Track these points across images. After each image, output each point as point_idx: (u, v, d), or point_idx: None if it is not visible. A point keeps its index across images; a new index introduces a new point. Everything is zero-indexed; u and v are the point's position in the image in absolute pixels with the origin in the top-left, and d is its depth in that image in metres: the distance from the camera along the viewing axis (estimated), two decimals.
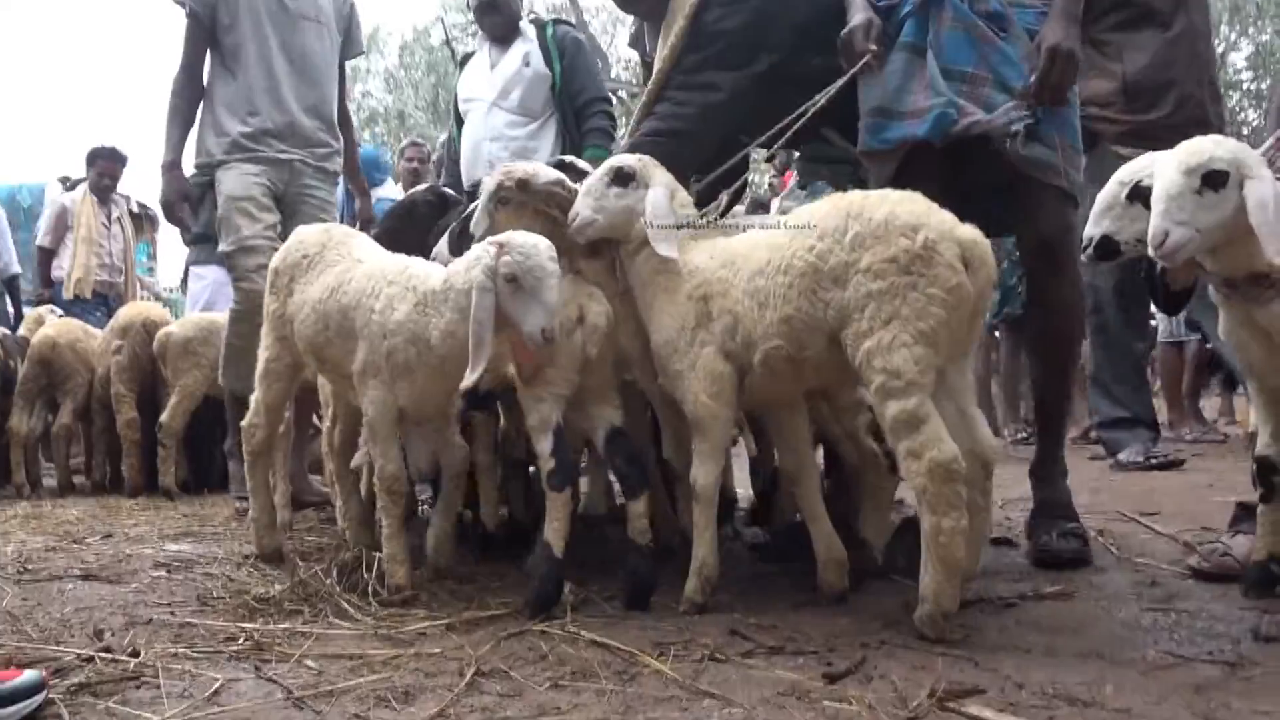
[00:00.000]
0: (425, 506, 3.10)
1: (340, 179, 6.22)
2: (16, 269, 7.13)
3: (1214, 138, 1.77)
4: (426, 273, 2.26)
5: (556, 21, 4.08)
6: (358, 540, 2.66)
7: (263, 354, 2.61)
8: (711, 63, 2.67)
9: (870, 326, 1.78)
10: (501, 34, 3.98)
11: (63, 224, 6.98)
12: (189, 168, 3.77)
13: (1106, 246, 1.94)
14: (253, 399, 2.65)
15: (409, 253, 2.68)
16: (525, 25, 4.04)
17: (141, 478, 4.53)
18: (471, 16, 4.31)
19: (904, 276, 1.77)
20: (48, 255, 7.03)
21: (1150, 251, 1.72)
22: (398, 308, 2.22)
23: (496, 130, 3.88)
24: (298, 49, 3.76)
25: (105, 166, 7.05)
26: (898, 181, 2.35)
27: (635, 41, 3.26)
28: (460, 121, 4.04)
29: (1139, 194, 1.88)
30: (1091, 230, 1.96)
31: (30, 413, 4.88)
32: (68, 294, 6.81)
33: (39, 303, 7.06)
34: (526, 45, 3.98)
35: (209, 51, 3.73)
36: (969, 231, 1.83)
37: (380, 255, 2.46)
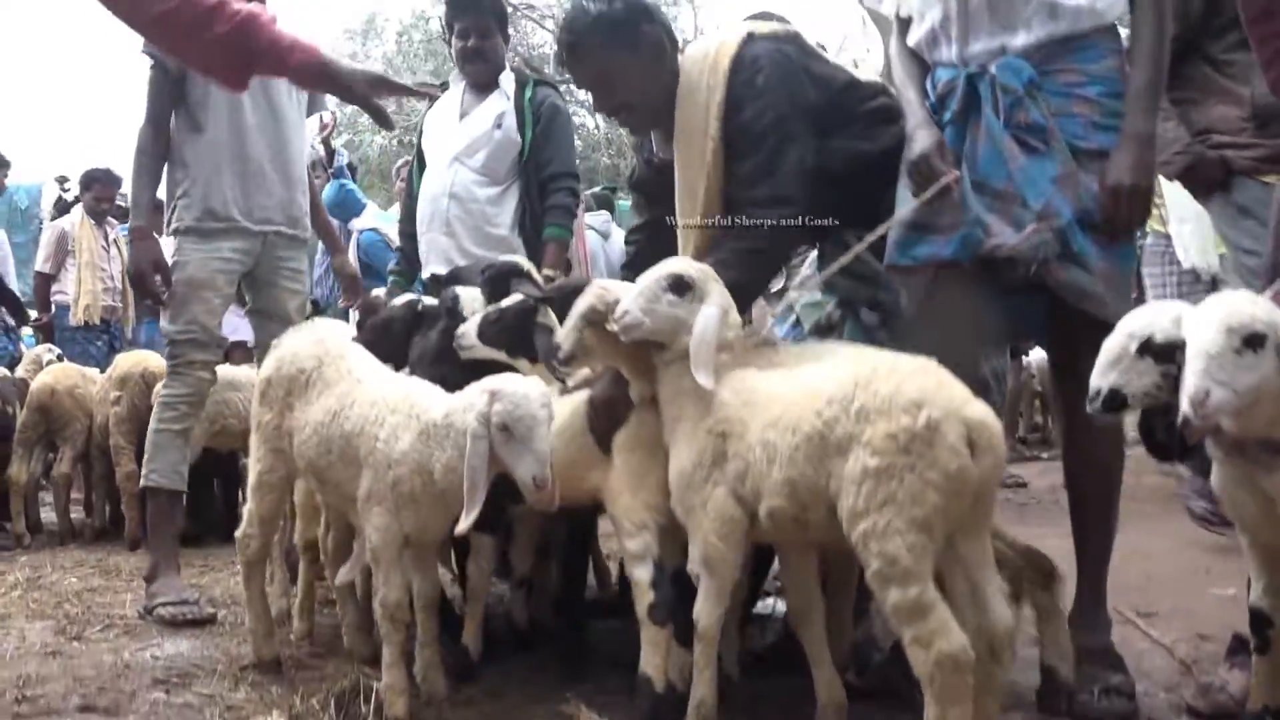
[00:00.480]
0: None
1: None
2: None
3: (1249, 295, 1.74)
4: (428, 402, 2.26)
5: (539, 82, 3.93)
6: (356, 648, 2.68)
7: (256, 465, 2.58)
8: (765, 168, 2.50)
9: (866, 506, 1.74)
10: (483, 82, 3.80)
11: (63, 249, 6.96)
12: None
13: (1115, 399, 1.86)
14: (246, 510, 2.62)
15: (386, 363, 2.69)
16: (505, 77, 3.85)
17: (140, 530, 4.50)
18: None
19: (903, 456, 1.72)
20: (47, 281, 7.01)
21: (1188, 409, 1.63)
22: (401, 437, 2.22)
23: (458, 188, 3.69)
24: (267, 105, 3.60)
25: (101, 190, 7.06)
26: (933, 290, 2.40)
27: (639, 145, 3.09)
28: (423, 162, 3.87)
29: (1149, 348, 1.82)
30: (1099, 382, 1.87)
31: (29, 460, 4.89)
32: (75, 320, 6.81)
33: (39, 328, 7.05)
34: (502, 104, 3.79)
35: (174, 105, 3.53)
36: (978, 411, 1.78)
37: (380, 376, 2.46)
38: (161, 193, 3.62)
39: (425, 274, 3.74)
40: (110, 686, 2.48)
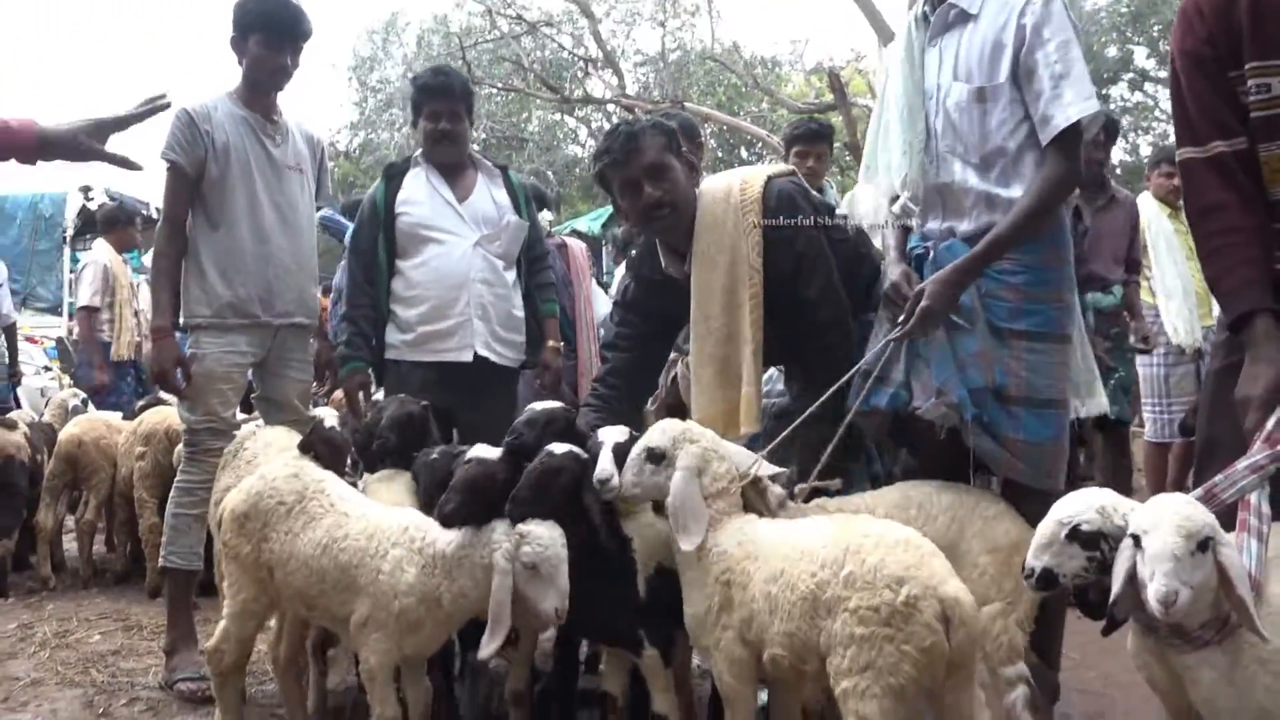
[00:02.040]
0: None
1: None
2: (14, 318, 7.16)
3: (1186, 499, 1.91)
4: (427, 533, 2.46)
5: (506, 168, 4.14)
6: None
7: (237, 595, 2.68)
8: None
9: (850, 667, 1.96)
10: (450, 163, 3.91)
11: (108, 284, 6.97)
12: None
13: (1048, 579, 2.04)
14: (223, 628, 2.72)
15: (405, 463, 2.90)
16: (482, 161, 4.04)
17: (160, 579, 4.75)
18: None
19: (883, 628, 1.94)
20: (93, 315, 6.94)
21: (1158, 608, 1.79)
22: (407, 569, 2.43)
23: (488, 273, 3.83)
24: (283, 202, 3.71)
25: (124, 232, 7.26)
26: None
27: (639, 262, 3.20)
28: (391, 245, 3.83)
29: (1077, 536, 2.00)
30: (1033, 562, 2.05)
31: (55, 506, 5.14)
32: (116, 356, 6.93)
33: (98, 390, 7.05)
34: (492, 188, 3.96)
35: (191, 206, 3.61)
36: (954, 589, 1.99)
37: (367, 507, 2.64)
38: None
39: (451, 357, 3.74)
40: None
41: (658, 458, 2.31)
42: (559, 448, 2.48)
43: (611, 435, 2.52)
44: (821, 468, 2.67)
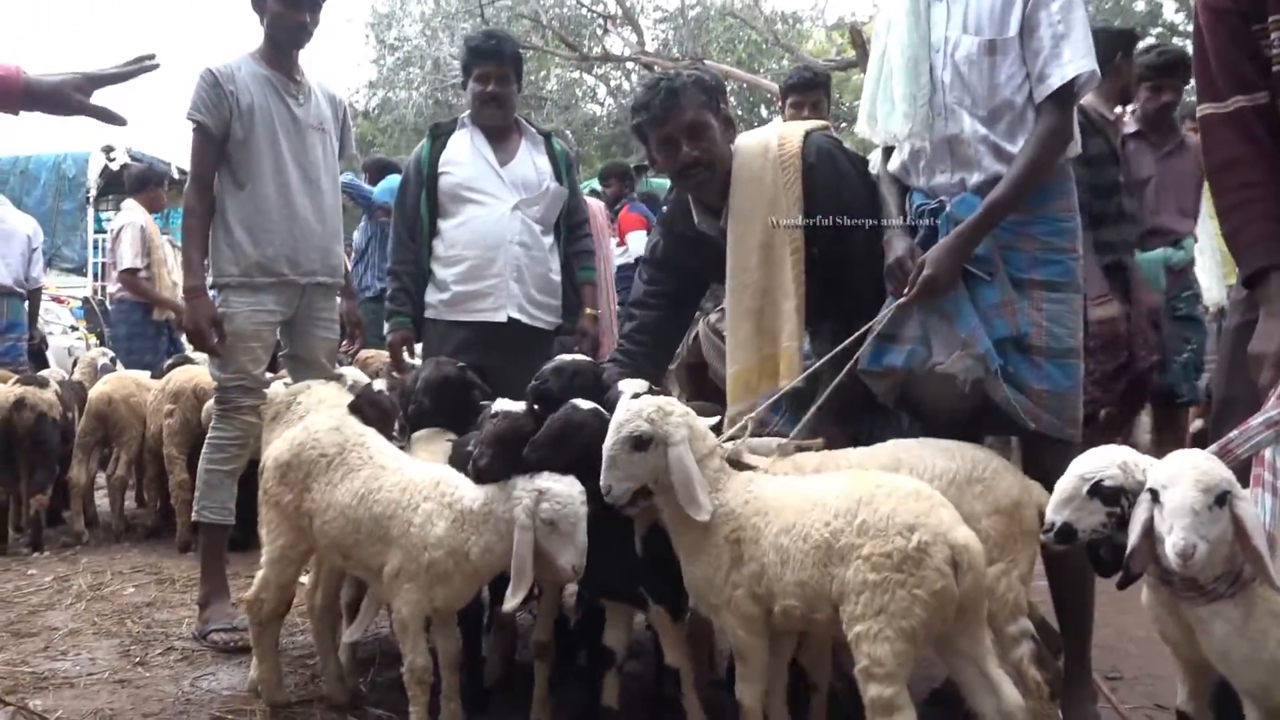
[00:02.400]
0: None
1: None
2: (41, 282, 7.17)
3: (1207, 456, 1.92)
4: (457, 489, 2.52)
5: (550, 135, 4.18)
6: (335, 695, 2.94)
7: (276, 541, 2.78)
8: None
9: (863, 613, 2.01)
10: (497, 126, 3.97)
11: (144, 245, 6.94)
12: None
13: (1066, 533, 2.06)
14: (262, 576, 2.81)
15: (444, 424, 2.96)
16: (526, 127, 4.08)
17: (190, 534, 4.86)
18: None
19: (896, 574, 1.99)
20: (137, 275, 6.90)
21: (1176, 561, 1.81)
22: (436, 523, 2.49)
23: (526, 236, 3.89)
24: (307, 161, 3.75)
25: (154, 191, 7.25)
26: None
27: (671, 219, 3.20)
28: (434, 204, 3.90)
29: (1098, 492, 2.01)
30: (1053, 516, 2.07)
31: (87, 462, 5.26)
32: (159, 317, 6.94)
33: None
34: (535, 154, 4.02)
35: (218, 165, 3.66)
36: (963, 535, 2.05)
37: (404, 462, 2.71)
38: None
39: (486, 317, 3.81)
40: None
41: (644, 443, 2.26)
42: (584, 404, 2.50)
43: (631, 386, 2.55)
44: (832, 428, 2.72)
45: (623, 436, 2.28)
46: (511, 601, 2.35)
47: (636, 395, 2.45)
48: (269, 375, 3.89)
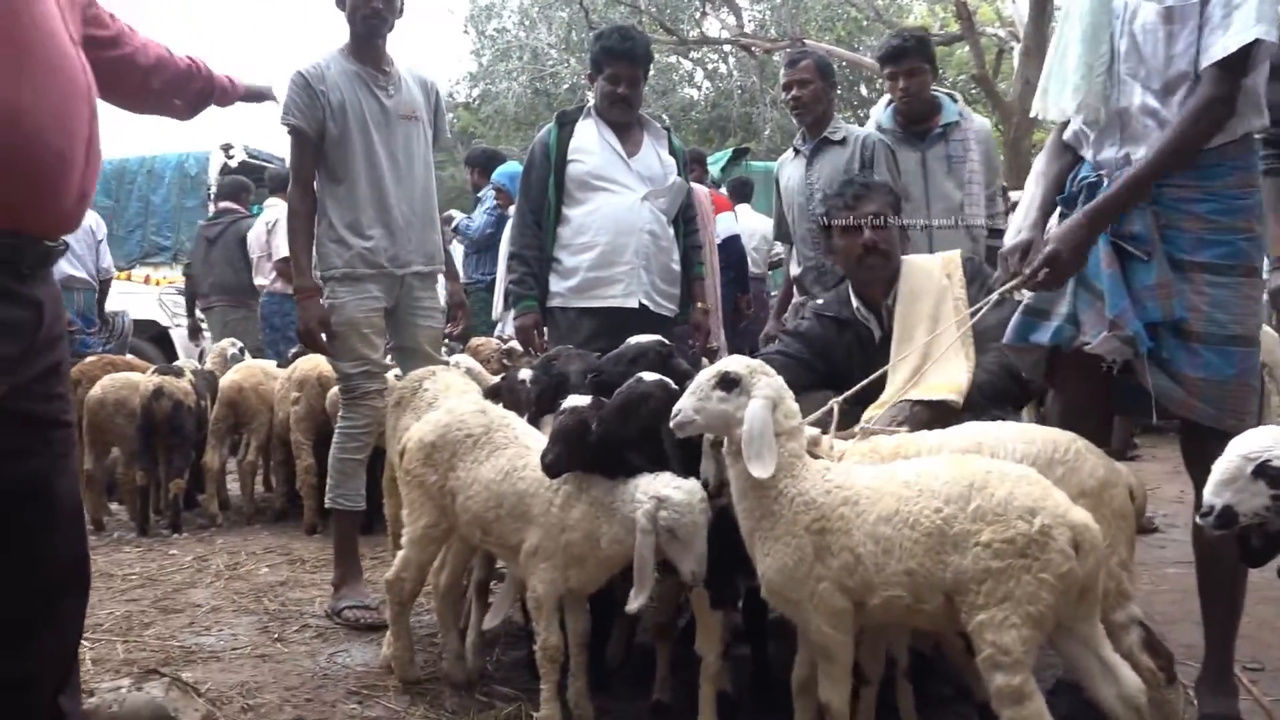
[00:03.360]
0: None
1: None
2: (113, 273, 7.47)
3: None
4: (591, 477, 2.56)
5: (670, 129, 4.30)
6: (454, 673, 3.00)
7: (418, 520, 2.87)
8: None
9: (985, 601, 1.97)
10: (623, 122, 4.05)
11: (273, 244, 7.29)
12: None
13: (1227, 516, 1.99)
14: (403, 556, 2.92)
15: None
16: (644, 117, 4.16)
17: (316, 517, 5.08)
18: None
19: (1019, 559, 1.94)
20: (289, 265, 7.24)
21: None
22: (575, 505, 2.55)
23: (655, 226, 3.96)
24: (399, 153, 3.78)
25: None
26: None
27: (825, 305, 3.39)
28: (560, 191, 3.98)
29: (1265, 473, 1.94)
30: (1213, 499, 2.00)
31: (220, 448, 5.53)
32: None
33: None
34: (658, 147, 4.10)
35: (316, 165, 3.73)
36: (1081, 516, 2.00)
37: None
38: None
39: (617, 303, 3.89)
40: (315, 698, 2.96)
41: (730, 383, 2.22)
42: (649, 376, 2.52)
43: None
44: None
45: (714, 369, 2.27)
46: (634, 603, 2.37)
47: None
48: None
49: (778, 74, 4.78)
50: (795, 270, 4.56)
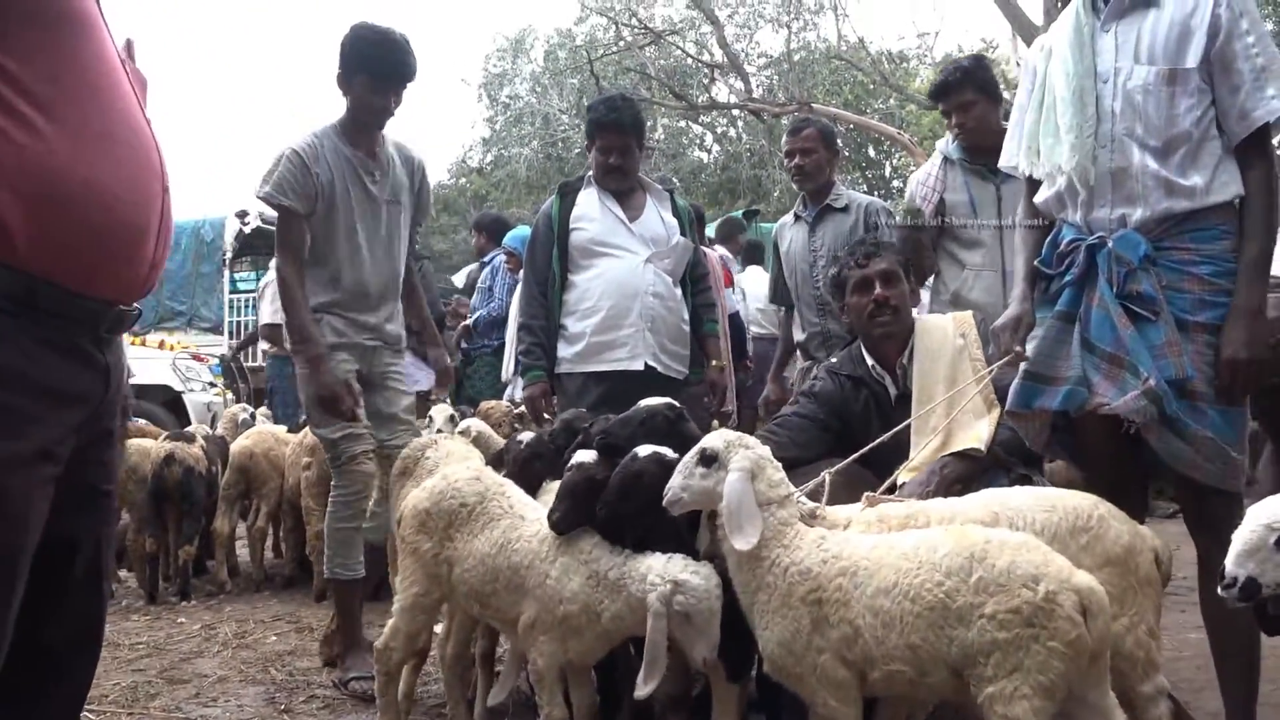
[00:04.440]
0: None
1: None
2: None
3: None
4: (594, 550, 2.52)
5: (674, 190, 4.34)
6: None
7: (409, 589, 2.82)
8: None
9: (994, 674, 1.92)
10: (621, 190, 4.10)
11: None
12: None
13: (1251, 588, 1.95)
14: (392, 626, 2.86)
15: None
16: (645, 180, 4.21)
17: (325, 584, 5.02)
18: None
19: (1027, 629, 1.90)
20: (276, 330, 6.92)
21: None
22: (573, 578, 2.51)
23: (660, 287, 3.99)
24: (381, 237, 3.80)
25: None
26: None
27: (839, 363, 3.38)
28: (564, 260, 4.03)
29: None
30: (1235, 570, 1.96)
31: (231, 514, 5.52)
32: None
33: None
34: (661, 209, 4.14)
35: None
36: (1085, 579, 1.95)
37: (542, 513, 2.69)
38: None
39: (622, 366, 3.90)
40: None
41: (709, 460, 2.24)
42: (643, 451, 2.49)
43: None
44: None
45: (696, 449, 2.28)
46: (644, 689, 2.30)
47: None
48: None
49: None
50: (799, 335, 4.56)
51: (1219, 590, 2.03)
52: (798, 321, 4.60)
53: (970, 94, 3.94)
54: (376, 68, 3.68)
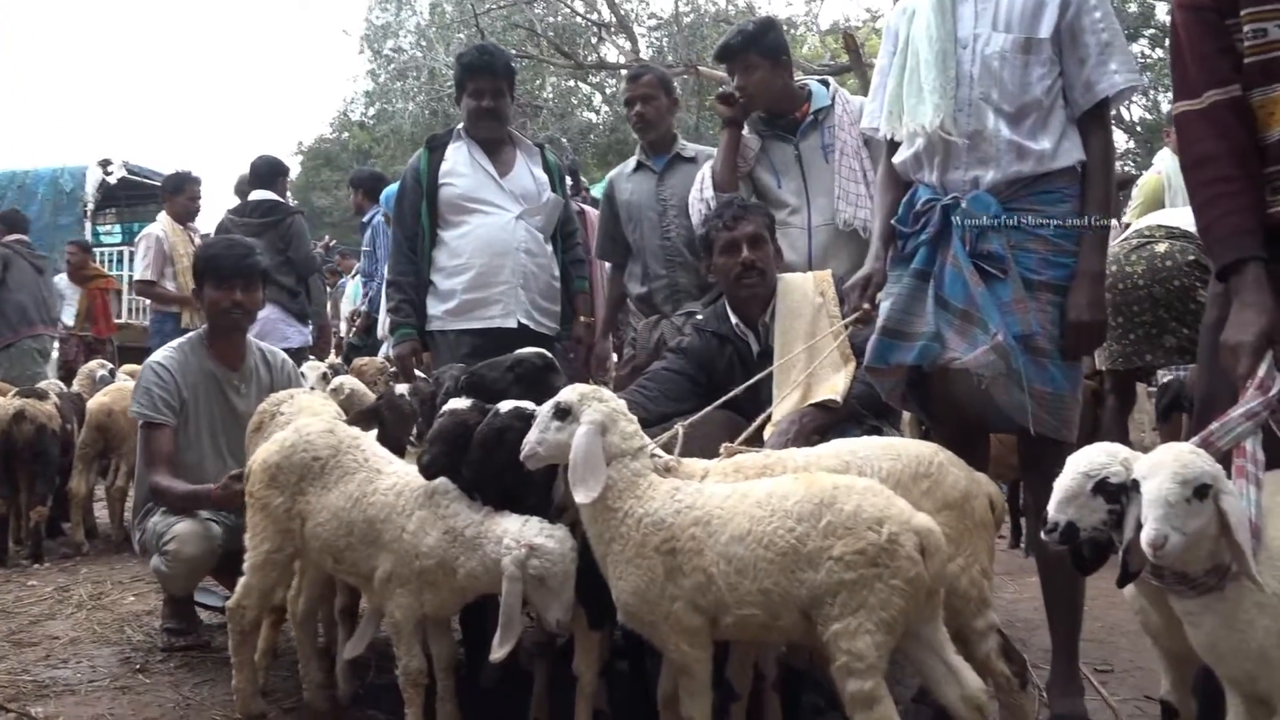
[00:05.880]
0: None
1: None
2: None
3: (1193, 449, 1.93)
4: (452, 504, 2.51)
5: (544, 146, 4.29)
6: (316, 704, 2.92)
7: (260, 545, 2.76)
8: None
9: (840, 612, 2.01)
10: (493, 139, 4.06)
11: (161, 256, 6.87)
12: None
13: (1070, 532, 2.04)
14: (244, 583, 2.79)
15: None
16: (516, 135, 4.18)
17: None
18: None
19: (871, 569, 2.00)
20: (153, 287, 6.91)
21: (1148, 552, 1.84)
22: (430, 532, 2.50)
23: (531, 244, 3.98)
24: (239, 450, 3.60)
25: (194, 190, 7.20)
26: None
27: (705, 321, 3.46)
28: (434, 215, 3.97)
29: (1103, 489, 2.00)
30: (1057, 516, 2.05)
31: (88, 474, 5.29)
32: (186, 325, 6.65)
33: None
34: (531, 164, 4.11)
35: None
36: (924, 521, 2.07)
37: (398, 466, 2.72)
38: None
39: (496, 323, 3.89)
40: None
41: (563, 413, 2.27)
42: (505, 406, 2.50)
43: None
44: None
45: (551, 403, 2.30)
46: (498, 653, 2.31)
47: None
48: None
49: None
50: (639, 288, 4.32)
51: (1042, 535, 2.16)
52: (638, 274, 4.31)
53: (754, 57, 3.84)
54: (214, 268, 3.70)
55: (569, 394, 2.30)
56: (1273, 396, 1.95)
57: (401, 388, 3.16)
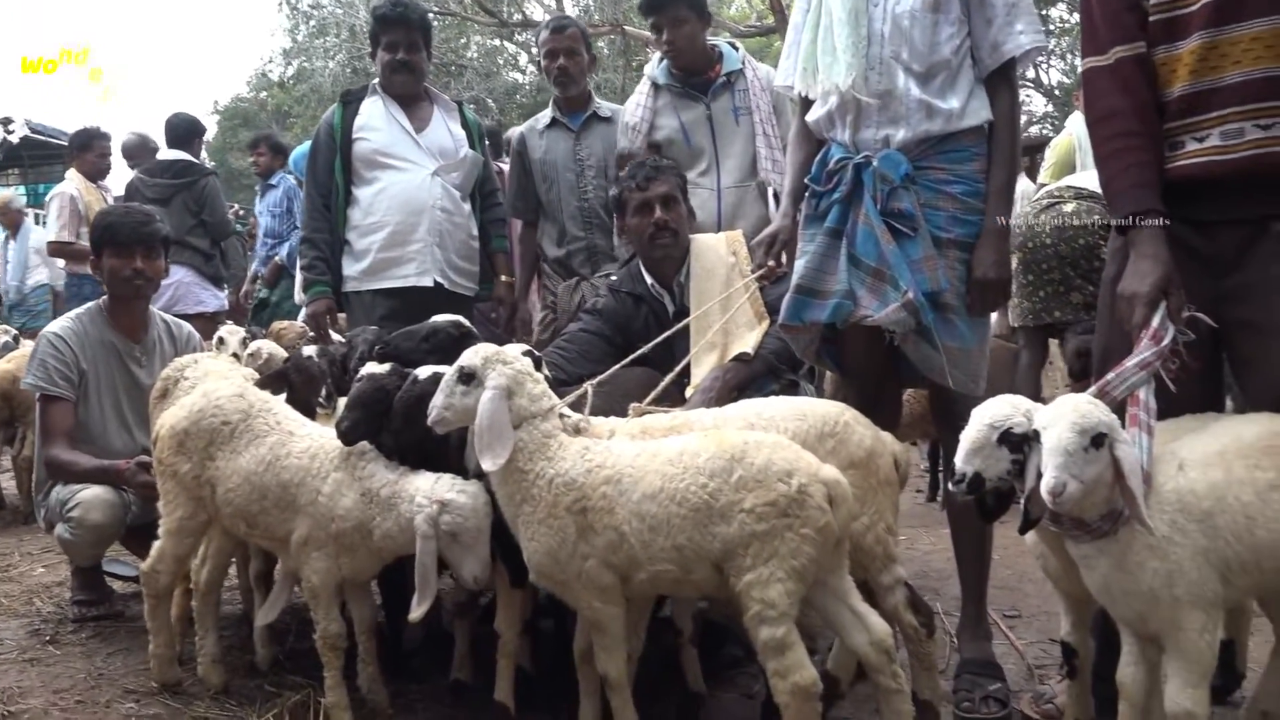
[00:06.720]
0: None
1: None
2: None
3: (1090, 399, 2.01)
4: (368, 467, 2.49)
5: (462, 103, 4.24)
6: (210, 678, 2.86)
7: (174, 512, 2.73)
8: None
9: (753, 563, 2.05)
10: (408, 94, 3.99)
11: (76, 215, 6.66)
12: None
13: (976, 482, 2.12)
14: (157, 547, 2.76)
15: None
16: (433, 91, 4.12)
17: None
18: None
19: (782, 519, 2.04)
20: (68, 247, 6.73)
21: (1047, 499, 1.92)
22: (346, 494, 2.47)
23: (447, 201, 3.92)
24: (142, 421, 3.54)
25: (104, 147, 6.99)
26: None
27: (620, 281, 3.47)
28: (348, 171, 3.91)
29: (1007, 439, 2.08)
30: (964, 467, 2.12)
31: None
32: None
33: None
34: (449, 121, 4.04)
35: None
36: (831, 472, 2.12)
37: (311, 429, 2.68)
38: None
39: (411, 282, 3.84)
40: (87, 699, 2.79)
41: (468, 377, 2.25)
42: (424, 373, 2.47)
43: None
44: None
45: (455, 367, 2.28)
46: (416, 612, 2.31)
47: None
48: None
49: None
50: (555, 251, 4.24)
51: (950, 485, 2.22)
52: (554, 236, 4.25)
53: (683, 11, 3.81)
54: (113, 236, 3.57)
55: (472, 357, 2.27)
56: (1165, 346, 2.02)
57: (309, 349, 3.10)
